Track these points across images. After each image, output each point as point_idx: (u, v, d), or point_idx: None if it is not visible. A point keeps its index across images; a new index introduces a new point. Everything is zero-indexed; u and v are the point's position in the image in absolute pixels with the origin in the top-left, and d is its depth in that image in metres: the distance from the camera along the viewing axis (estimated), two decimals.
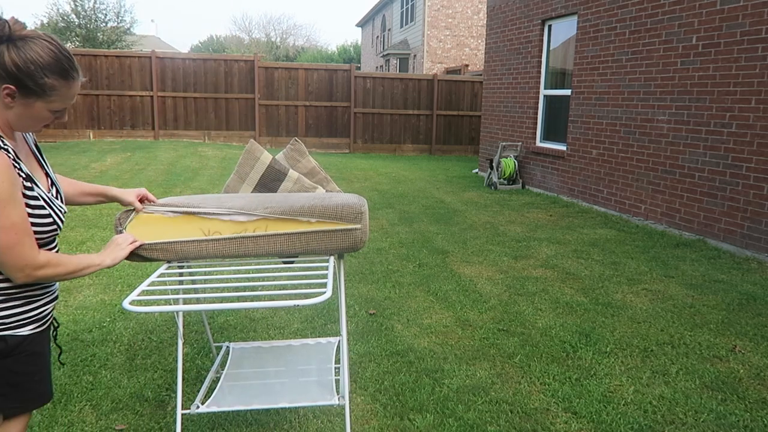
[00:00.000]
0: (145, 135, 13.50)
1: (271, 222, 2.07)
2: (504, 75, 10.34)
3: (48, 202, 1.56)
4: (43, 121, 1.54)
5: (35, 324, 1.59)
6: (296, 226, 2.08)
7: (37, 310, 1.60)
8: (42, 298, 1.62)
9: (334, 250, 2.13)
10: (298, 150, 2.61)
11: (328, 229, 2.09)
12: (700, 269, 5.09)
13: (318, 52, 46.32)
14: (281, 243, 2.08)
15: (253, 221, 2.06)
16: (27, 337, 1.56)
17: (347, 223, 2.10)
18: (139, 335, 3.50)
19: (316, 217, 2.08)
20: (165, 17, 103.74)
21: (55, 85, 1.47)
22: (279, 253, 2.11)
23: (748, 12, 5.52)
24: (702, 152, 6.11)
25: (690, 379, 3.10)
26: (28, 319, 1.56)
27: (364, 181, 9.73)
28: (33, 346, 1.58)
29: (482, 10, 23.29)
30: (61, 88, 1.49)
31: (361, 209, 2.11)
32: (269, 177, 2.42)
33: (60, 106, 1.52)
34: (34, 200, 1.50)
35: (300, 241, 2.09)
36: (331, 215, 2.09)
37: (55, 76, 1.46)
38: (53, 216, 1.57)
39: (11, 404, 1.57)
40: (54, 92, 1.48)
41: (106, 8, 27.84)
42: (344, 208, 2.10)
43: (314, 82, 14.15)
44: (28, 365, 1.57)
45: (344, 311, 2.19)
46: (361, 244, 2.15)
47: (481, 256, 5.38)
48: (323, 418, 2.63)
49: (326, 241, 2.10)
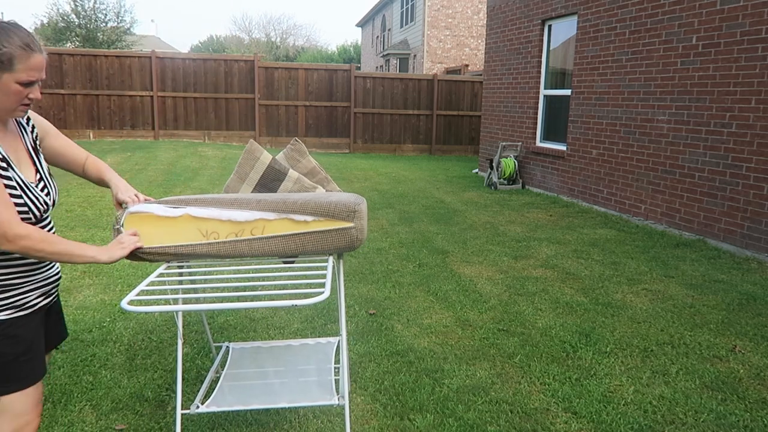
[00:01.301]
0: (145, 135, 13.51)
1: (269, 223, 2.07)
2: (504, 75, 10.34)
3: (24, 188, 1.65)
4: (17, 97, 1.60)
5: (13, 309, 1.66)
6: (293, 227, 2.08)
7: (15, 297, 1.67)
8: (20, 287, 1.68)
9: (331, 251, 2.12)
10: (299, 150, 2.61)
11: (323, 229, 2.08)
12: (700, 269, 5.09)
13: (318, 52, 46.32)
14: (277, 244, 2.08)
15: (251, 222, 2.06)
16: (3, 321, 1.64)
17: (342, 222, 2.08)
18: (139, 335, 3.50)
19: (309, 213, 2.07)
20: (165, 17, 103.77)
21: (13, 54, 1.55)
22: (275, 254, 2.11)
23: (748, 12, 5.52)
24: (702, 152, 6.11)
25: (690, 379, 3.10)
26: (4, 305, 1.64)
27: (364, 181, 9.73)
28: (11, 330, 1.65)
29: (482, 10, 23.29)
30: (21, 58, 1.56)
31: (355, 207, 2.09)
32: (269, 177, 2.42)
33: (26, 78, 1.58)
34: (6, 180, 1.60)
35: (295, 243, 2.08)
36: (324, 212, 2.07)
37: (12, 46, 1.55)
38: (28, 204, 1.65)
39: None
40: (14, 61, 1.55)
41: (106, 8, 27.86)
42: (338, 205, 2.09)
43: (314, 82, 14.15)
44: (9, 346, 1.64)
45: (344, 311, 2.18)
46: (358, 244, 2.14)
47: (481, 256, 5.38)
48: (323, 418, 2.63)
49: (322, 242, 2.09)
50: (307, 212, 2.08)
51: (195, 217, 2.06)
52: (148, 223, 2.04)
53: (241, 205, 2.10)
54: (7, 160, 1.62)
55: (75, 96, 12.98)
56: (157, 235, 2.05)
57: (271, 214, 2.08)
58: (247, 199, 2.11)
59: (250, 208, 2.08)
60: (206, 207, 2.09)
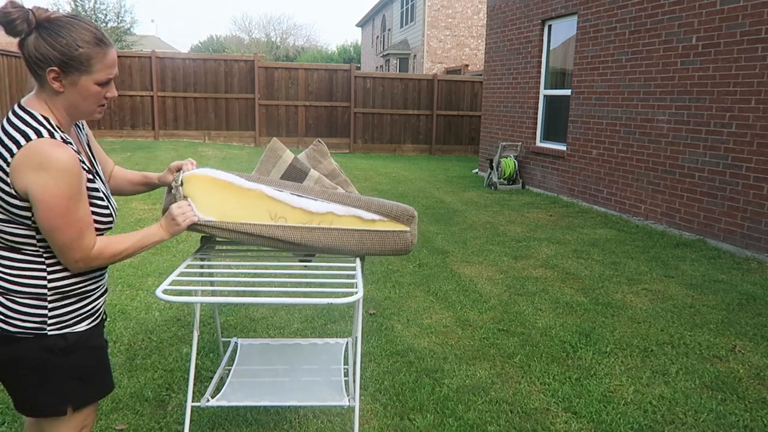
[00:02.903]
0: (145, 135, 13.51)
1: (337, 218, 2.02)
2: (504, 75, 10.34)
3: (107, 196, 1.61)
4: (95, 98, 1.53)
5: (90, 319, 1.63)
6: (360, 224, 2.05)
7: (91, 305, 1.63)
8: (94, 293, 1.65)
9: (388, 252, 2.11)
10: (320, 151, 2.61)
11: (385, 230, 2.07)
12: (700, 269, 5.09)
13: (318, 52, 46.32)
14: (339, 238, 2.03)
15: (321, 214, 2.00)
16: (85, 332, 1.60)
17: (402, 225, 2.08)
18: (139, 335, 3.50)
19: (374, 211, 2.05)
20: (165, 17, 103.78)
21: (91, 54, 1.47)
22: (335, 248, 2.05)
23: (748, 12, 5.52)
24: (702, 152, 6.11)
25: (690, 379, 3.10)
26: (83, 314, 1.60)
27: (364, 181, 9.73)
28: (92, 340, 1.63)
29: (482, 10, 23.29)
30: (98, 56, 1.49)
31: (414, 212, 2.11)
32: (290, 176, 2.41)
33: (104, 77, 1.51)
34: (94, 192, 1.55)
35: (356, 239, 2.05)
36: (387, 213, 2.07)
37: (88, 45, 1.47)
38: (110, 209, 1.61)
39: (80, 396, 1.62)
40: (93, 62, 1.48)
41: (106, 8, 27.87)
42: (399, 208, 2.09)
43: (314, 82, 14.15)
44: (90, 359, 1.62)
45: (361, 313, 2.18)
46: (412, 248, 2.14)
47: (481, 256, 5.38)
48: (323, 418, 2.63)
49: (381, 242, 2.08)
50: (372, 210, 2.06)
51: (268, 196, 1.95)
52: (211, 190, 1.88)
53: (307, 192, 2.02)
54: (94, 171, 1.57)
55: None
56: (220, 206, 1.89)
57: (340, 208, 2.03)
58: (311, 187, 2.06)
59: (315, 195, 2.01)
60: (280, 189, 1.99)
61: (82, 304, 1.59)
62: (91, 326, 1.62)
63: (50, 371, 1.54)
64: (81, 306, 1.59)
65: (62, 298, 1.54)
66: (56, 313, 1.53)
